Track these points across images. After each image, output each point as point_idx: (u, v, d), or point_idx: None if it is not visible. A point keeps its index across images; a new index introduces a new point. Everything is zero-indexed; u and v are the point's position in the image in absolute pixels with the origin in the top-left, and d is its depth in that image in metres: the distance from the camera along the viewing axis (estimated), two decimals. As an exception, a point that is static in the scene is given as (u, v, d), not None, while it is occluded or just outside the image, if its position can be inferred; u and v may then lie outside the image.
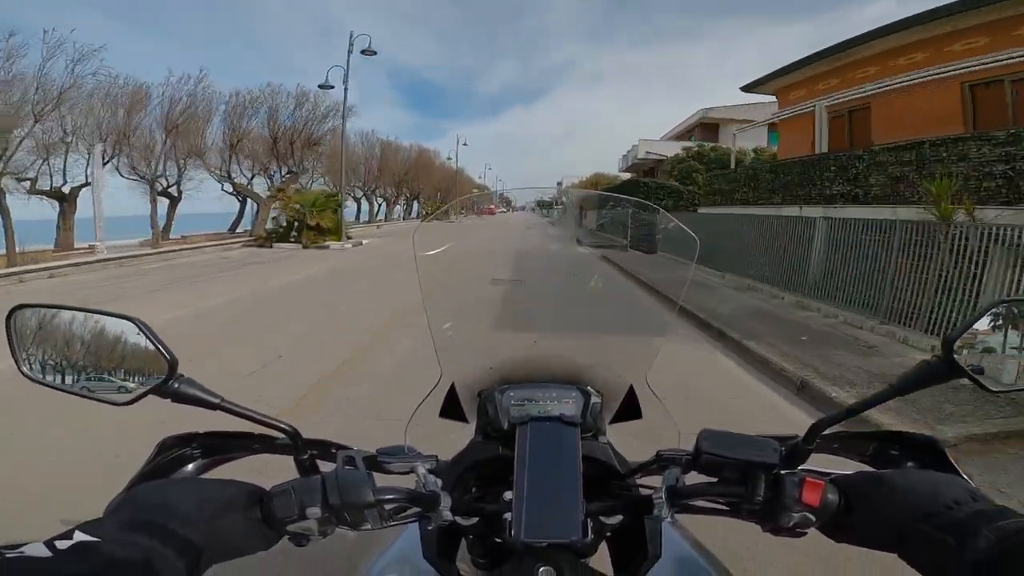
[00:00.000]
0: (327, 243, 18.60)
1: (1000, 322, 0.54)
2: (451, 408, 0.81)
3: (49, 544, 0.42)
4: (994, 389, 0.53)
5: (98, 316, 0.60)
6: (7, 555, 0.40)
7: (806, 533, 0.57)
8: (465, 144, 52.50)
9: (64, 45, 13.55)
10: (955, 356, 0.52)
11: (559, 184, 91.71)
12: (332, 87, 20.76)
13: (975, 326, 0.54)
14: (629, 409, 0.81)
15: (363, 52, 19.73)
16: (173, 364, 0.56)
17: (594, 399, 0.75)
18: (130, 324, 0.58)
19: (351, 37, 19.96)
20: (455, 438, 0.79)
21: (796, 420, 3.79)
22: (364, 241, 20.90)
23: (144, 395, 0.57)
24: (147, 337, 0.57)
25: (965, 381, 0.52)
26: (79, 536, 0.43)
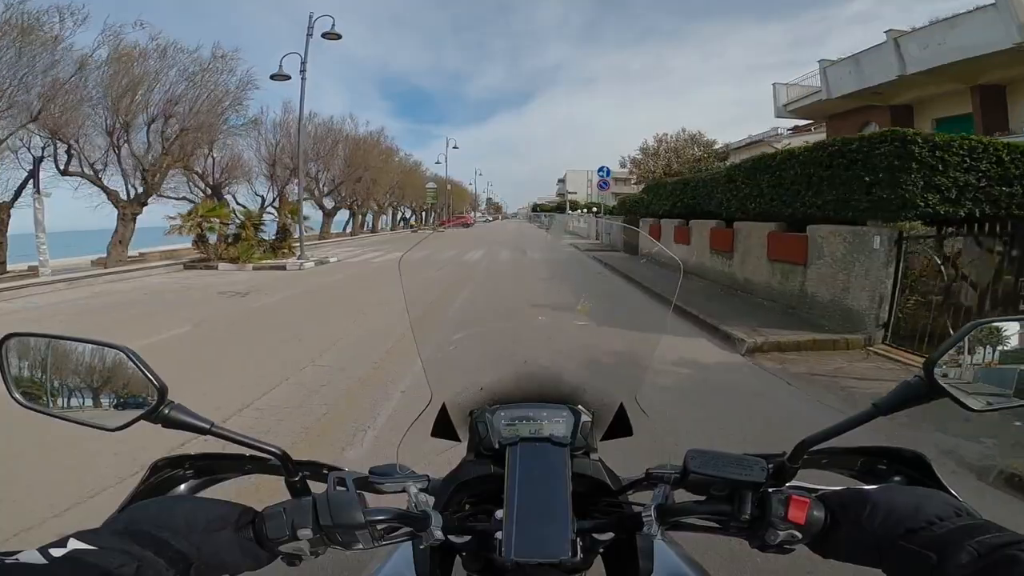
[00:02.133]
0: None
1: (977, 343, 0.55)
2: (443, 428, 0.81)
3: (44, 551, 0.43)
4: (975, 408, 0.54)
5: (89, 345, 0.60)
6: (5, 561, 0.41)
7: (793, 549, 0.58)
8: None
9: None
10: (936, 377, 0.53)
11: (561, 181, 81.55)
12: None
13: (954, 348, 0.54)
14: (620, 426, 0.81)
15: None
16: (163, 391, 0.57)
17: (584, 417, 0.75)
18: (120, 353, 0.58)
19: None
20: (448, 456, 0.79)
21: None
22: None
23: (135, 421, 0.58)
24: (136, 366, 0.57)
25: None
26: (73, 544, 0.44)
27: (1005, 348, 0.55)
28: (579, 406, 0.77)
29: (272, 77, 16.05)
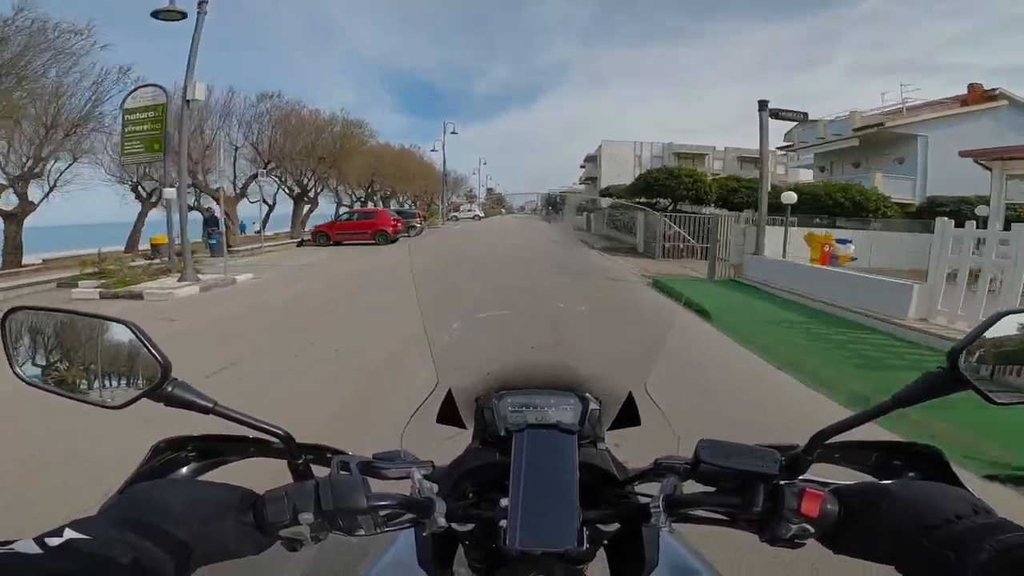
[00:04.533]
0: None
1: (1003, 334, 0.53)
2: (448, 414, 0.80)
3: (39, 541, 0.42)
4: (999, 401, 0.52)
5: (92, 320, 0.60)
6: (0, 551, 0.40)
7: (804, 544, 0.57)
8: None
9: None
10: (959, 368, 0.52)
11: (589, 161, 62.13)
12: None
13: (979, 338, 0.53)
14: (628, 416, 0.80)
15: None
16: (166, 368, 0.56)
17: (592, 406, 0.74)
18: (124, 328, 0.58)
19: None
20: (452, 443, 0.78)
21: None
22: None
23: (137, 399, 0.57)
24: (141, 341, 0.57)
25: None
26: (69, 534, 0.44)
27: None
28: (587, 394, 0.76)
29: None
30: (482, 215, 48.37)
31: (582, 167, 69.76)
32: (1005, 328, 0.53)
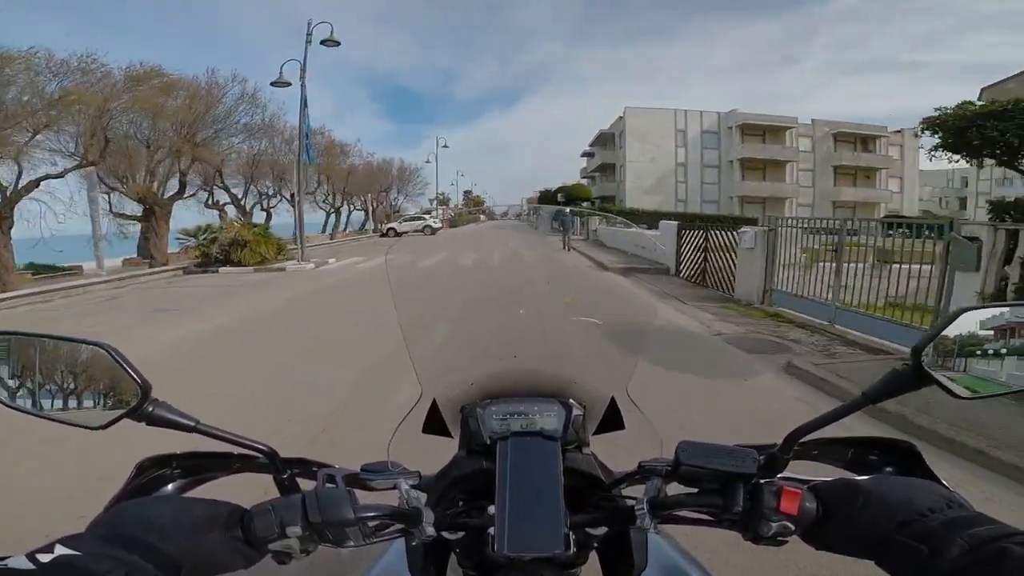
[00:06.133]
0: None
1: (963, 330, 0.55)
2: (434, 424, 0.81)
3: (31, 557, 0.43)
4: (962, 396, 0.54)
5: (70, 343, 0.60)
6: None
7: (787, 541, 0.58)
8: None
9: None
10: (923, 364, 0.53)
11: (600, 144, 44.22)
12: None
13: (941, 334, 0.54)
14: (612, 420, 0.81)
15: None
16: (146, 389, 0.56)
17: (576, 411, 0.75)
18: (103, 351, 0.58)
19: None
20: (439, 453, 0.79)
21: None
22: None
23: (118, 419, 0.57)
24: (119, 363, 0.57)
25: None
26: (60, 550, 0.44)
27: (992, 335, 0.55)
28: (570, 400, 0.77)
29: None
30: (438, 226, 33.84)
31: (588, 154, 51.04)
32: (965, 325, 0.55)
